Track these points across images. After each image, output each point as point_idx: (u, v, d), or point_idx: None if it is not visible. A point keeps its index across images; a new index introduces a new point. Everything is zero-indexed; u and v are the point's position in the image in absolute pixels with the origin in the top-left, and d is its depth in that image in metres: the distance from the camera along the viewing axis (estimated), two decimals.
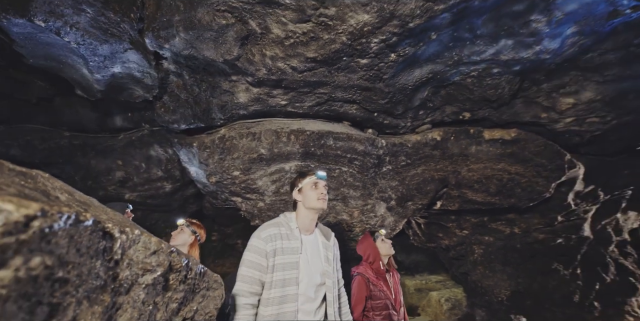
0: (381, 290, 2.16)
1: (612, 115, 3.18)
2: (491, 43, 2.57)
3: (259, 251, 1.45)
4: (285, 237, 1.48)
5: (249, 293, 1.41)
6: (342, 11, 2.13)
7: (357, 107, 3.40)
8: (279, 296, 1.40)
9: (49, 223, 0.60)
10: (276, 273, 1.42)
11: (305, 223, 1.58)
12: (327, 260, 1.57)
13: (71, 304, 0.69)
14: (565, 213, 4.48)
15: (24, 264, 0.57)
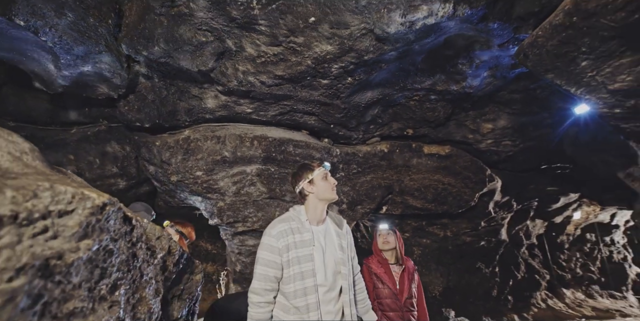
0: (382, 280, 2.31)
1: (519, 140, 4.07)
2: (429, 76, 3.23)
3: (271, 249, 1.50)
4: (297, 230, 1.52)
5: (264, 290, 1.48)
6: (309, 41, 2.59)
7: (315, 118, 3.88)
8: (302, 288, 1.46)
9: (112, 208, 0.95)
10: (293, 267, 1.47)
11: (317, 214, 1.60)
12: (342, 248, 1.61)
13: (112, 271, 1.04)
14: (487, 219, 5.41)
15: (97, 236, 0.92)
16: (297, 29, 2.47)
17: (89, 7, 2.49)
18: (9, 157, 0.85)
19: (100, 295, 0.99)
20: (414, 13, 2.13)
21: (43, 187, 0.79)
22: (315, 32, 2.50)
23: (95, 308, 0.97)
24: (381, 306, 2.30)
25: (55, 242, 0.79)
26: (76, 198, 0.84)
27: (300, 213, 1.60)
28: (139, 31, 2.50)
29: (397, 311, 2.25)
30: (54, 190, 0.81)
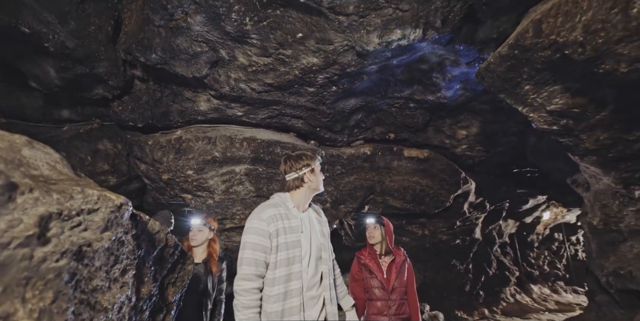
0: (371, 270, 2.40)
1: (490, 146, 4.42)
2: (407, 86, 3.53)
3: (262, 232, 1.46)
4: (285, 216, 1.51)
5: (256, 276, 1.44)
6: (297, 53, 2.84)
7: (302, 122, 4.14)
8: (285, 274, 1.44)
9: (126, 207, 1.19)
10: (280, 252, 1.46)
11: (304, 202, 1.62)
12: (323, 235, 1.64)
13: (123, 258, 1.28)
14: (462, 219, 5.79)
15: (115, 229, 1.16)
16: (286, 42, 2.72)
17: (90, 15, 2.67)
18: (47, 166, 1.08)
19: (114, 277, 1.24)
20: (389, 35, 2.41)
21: (76, 190, 1.02)
22: (302, 46, 2.75)
23: (111, 287, 1.22)
24: (369, 295, 2.38)
25: (86, 233, 1.03)
26: (100, 199, 1.08)
27: (286, 200, 1.61)
28: (138, 40, 2.70)
29: (384, 300, 2.32)
30: (84, 193, 1.04)
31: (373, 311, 2.33)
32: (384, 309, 2.31)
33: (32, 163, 1.04)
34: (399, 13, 2.30)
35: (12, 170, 0.89)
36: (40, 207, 0.90)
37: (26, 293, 0.82)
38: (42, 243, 0.89)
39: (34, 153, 1.07)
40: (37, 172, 1.03)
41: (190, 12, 2.41)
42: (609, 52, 1.51)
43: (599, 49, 1.53)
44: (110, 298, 1.17)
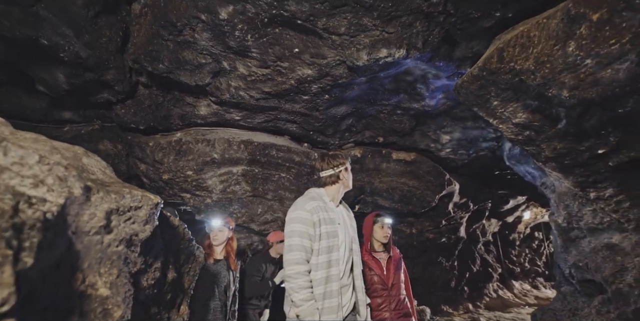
0: (371, 267, 2.42)
1: (472, 150, 4.83)
2: (394, 95, 3.88)
3: (306, 221, 1.61)
4: (324, 209, 1.67)
5: (305, 260, 1.59)
6: (293, 65, 3.16)
7: (297, 126, 4.46)
8: (326, 261, 1.60)
9: (159, 205, 1.50)
10: (322, 241, 1.61)
11: (336, 197, 1.79)
12: (353, 228, 1.80)
13: (156, 248, 1.58)
14: (448, 218, 6.20)
15: (152, 223, 1.47)
16: (284, 56, 3.03)
17: (102, 28, 2.94)
18: (100, 172, 1.37)
19: (150, 262, 1.55)
20: (377, 53, 2.75)
21: (126, 191, 1.33)
22: (298, 59, 3.07)
23: (148, 270, 1.53)
24: (369, 291, 2.40)
25: (134, 226, 1.33)
26: (143, 198, 1.38)
27: (322, 195, 1.75)
28: (147, 51, 2.98)
29: (385, 296, 2.37)
30: (132, 193, 1.34)
31: (374, 307, 2.35)
32: (385, 305, 2.36)
33: (90, 169, 1.34)
34: (385, 35, 2.64)
35: (84, 176, 1.19)
36: (105, 204, 1.20)
37: (100, 269, 1.12)
38: (107, 232, 1.20)
39: (90, 161, 1.37)
40: (94, 176, 1.33)
41: (198, 29, 2.70)
42: (554, 80, 1.88)
43: (546, 77, 1.90)
44: (148, 279, 1.48)
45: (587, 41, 1.65)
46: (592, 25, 1.62)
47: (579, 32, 1.68)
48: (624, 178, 2.46)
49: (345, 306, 1.65)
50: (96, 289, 1.05)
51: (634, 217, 2.56)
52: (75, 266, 1.00)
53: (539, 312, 3.62)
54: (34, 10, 2.52)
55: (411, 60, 2.96)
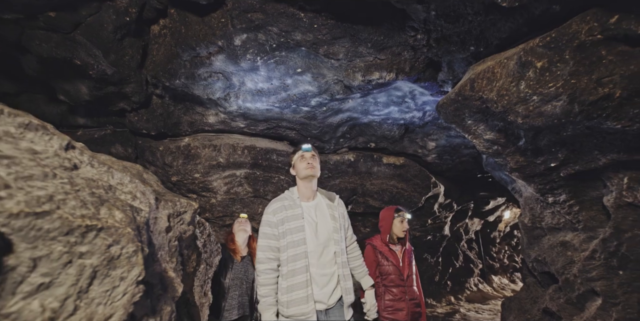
0: (388, 258, 2.50)
1: (456, 156, 5.33)
2: (385, 107, 4.34)
3: (269, 223, 1.79)
4: (289, 207, 1.79)
5: (267, 258, 1.75)
6: (296, 82, 3.58)
7: (295, 132, 4.89)
8: (292, 255, 1.71)
9: (198, 210, 1.92)
10: (287, 237, 1.74)
11: (304, 192, 1.87)
12: (333, 218, 1.85)
13: (193, 244, 2.01)
14: (433, 217, 6.72)
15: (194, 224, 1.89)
16: (288, 74, 3.45)
17: (126, 48, 3.31)
18: (155, 184, 1.78)
19: (192, 256, 1.97)
20: (370, 75, 3.20)
21: (176, 199, 1.75)
22: (301, 77, 3.49)
23: (189, 260, 1.95)
24: (385, 281, 2.46)
25: (183, 226, 1.75)
26: (188, 205, 1.80)
27: (292, 193, 1.90)
28: (166, 69, 3.36)
29: (400, 286, 2.44)
30: (180, 201, 1.76)
31: (390, 297, 2.42)
32: (401, 295, 2.42)
33: (149, 183, 1.76)
34: (378, 61, 3.08)
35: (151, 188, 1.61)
36: (166, 210, 1.62)
37: (167, 258, 1.55)
38: (167, 231, 1.62)
39: (148, 176, 1.78)
40: (152, 188, 1.75)
41: (214, 52, 3.10)
42: (511, 109, 2.35)
43: (505, 106, 2.37)
44: (189, 267, 1.91)
45: (534, 82, 2.13)
46: (537, 71, 2.09)
47: (528, 75, 2.15)
48: (574, 186, 2.97)
49: (326, 296, 1.73)
50: (167, 272, 1.46)
51: (583, 218, 3.07)
52: (155, 256, 1.41)
53: (507, 301, 4.15)
54: (71, 36, 2.88)
55: (400, 81, 3.41)
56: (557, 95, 2.05)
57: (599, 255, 2.73)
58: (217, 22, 2.84)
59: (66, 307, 0.90)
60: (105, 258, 1.01)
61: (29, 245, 0.85)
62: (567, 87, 1.97)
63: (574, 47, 1.87)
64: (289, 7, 2.58)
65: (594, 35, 1.81)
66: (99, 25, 2.92)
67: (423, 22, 2.51)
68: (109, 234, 1.04)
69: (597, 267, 2.72)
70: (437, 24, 2.51)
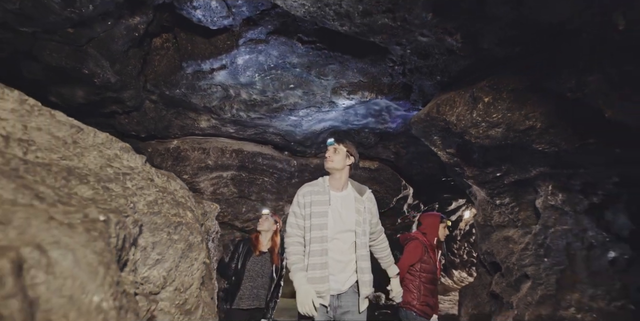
0: (431, 257, 2.75)
1: (424, 162, 6.10)
2: (364, 118, 4.97)
3: (298, 203, 1.97)
4: (317, 192, 1.94)
5: (294, 234, 1.95)
6: (287, 95, 4.09)
7: (280, 138, 5.39)
8: (315, 237, 1.87)
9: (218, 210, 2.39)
10: (312, 219, 1.88)
11: (333, 183, 2.00)
12: (357, 211, 1.93)
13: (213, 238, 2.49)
14: (402, 217, 7.48)
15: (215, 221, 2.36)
16: (281, 89, 3.96)
17: (130, 58, 3.64)
18: (180, 189, 2.23)
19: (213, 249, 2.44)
20: (354, 94, 3.79)
21: (204, 202, 2.21)
22: (292, 92, 4.02)
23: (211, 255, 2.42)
24: (423, 278, 2.70)
25: (209, 223, 2.22)
26: (213, 206, 2.27)
27: (325, 180, 2.04)
28: (168, 79, 3.74)
29: (434, 284, 2.72)
30: (205, 203, 2.23)
31: (426, 292, 2.67)
32: (434, 292, 2.72)
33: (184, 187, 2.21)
34: (362, 82, 3.69)
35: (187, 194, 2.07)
36: (199, 210, 2.10)
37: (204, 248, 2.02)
38: (202, 226, 2.09)
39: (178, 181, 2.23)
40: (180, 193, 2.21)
41: (217, 68, 3.54)
42: (466, 131, 3.05)
43: (462, 128, 3.06)
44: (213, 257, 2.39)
45: (482, 112, 2.82)
46: (485, 104, 2.79)
47: (478, 106, 2.85)
48: (515, 191, 3.77)
49: (339, 282, 1.86)
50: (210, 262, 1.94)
51: (521, 217, 3.88)
52: None
53: (464, 289, 4.96)
54: (83, 48, 3.19)
55: (379, 99, 4.04)
56: (498, 124, 2.75)
57: (531, 247, 3.53)
58: (223, 44, 3.29)
59: (170, 276, 1.37)
60: (186, 244, 1.49)
61: (150, 233, 1.33)
62: (505, 118, 2.68)
63: (509, 90, 2.57)
64: (289, 39, 3.10)
65: (523, 83, 2.52)
66: (110, 39, 3.25)
67: (400, 57, 3.14)
68: (187, 227, 1.52)
69: (529, 256, 3.52)
70: (411, 59, 3.15)
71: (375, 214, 2.11)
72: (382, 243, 2.23)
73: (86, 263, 0.71)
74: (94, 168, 1.26)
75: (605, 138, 2.46)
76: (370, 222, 2.04)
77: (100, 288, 0.71)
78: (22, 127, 1.11)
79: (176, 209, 1.52)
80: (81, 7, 2.69)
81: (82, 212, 0.83)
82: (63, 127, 1.29)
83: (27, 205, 0.73)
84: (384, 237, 2.26)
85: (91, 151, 1.33)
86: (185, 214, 1.56)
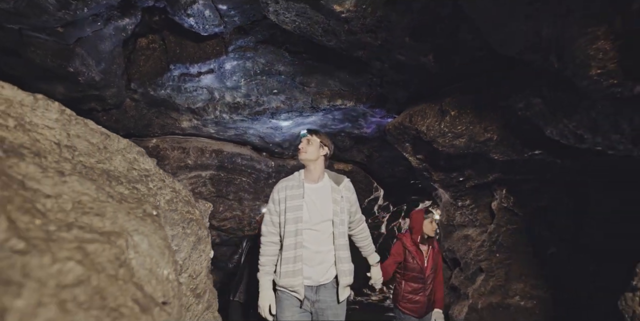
0: (414, 257, 2.75)
1: (395, 165, 6.56)
2: (341, 123, 5.31)
3: (272, 200, 1.98)
4: (292, 187, 1.94)
5: (269, 232, 1.96)
6: (270, 100, 4.33)
7: (259, 139, 5.61)
8: (289, 231, 1.88)
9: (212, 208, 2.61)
10: (287, 213, 1.89)
11: (308, 175, 2.00)
12: (334, 201, 1.93)
13: None
14: (373, 217, 7.93)
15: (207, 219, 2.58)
16: (264, 93, 4.20)
17: (115, 57, 3.72)
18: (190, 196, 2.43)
19: None
20: (334, 102, 4.11)
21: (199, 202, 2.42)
22: (275, 97, 4.26)
23: None
24: (406, 275, 2.76)
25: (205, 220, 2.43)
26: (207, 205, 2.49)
27: (300, 174, 2.03)
28: (154, 80, 3.85)
29: (420, 283, 2.73)
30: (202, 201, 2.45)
31: (409, 289, 2.74)
32: (420, 290, 2.73)
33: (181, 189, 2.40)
34: (342, 91, 4.02)
35: None
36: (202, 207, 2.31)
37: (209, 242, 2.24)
38: None
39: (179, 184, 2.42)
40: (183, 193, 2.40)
41: (204, 72, 3.71)
42: (435, 140, 3.47)
43: (431, 137, 3.48)
44: None
45: (449, 124, 3.25)
46: (451, 116, 3.21)
47: (446, 118, 3.27)
48: (474, 194, 4.26)
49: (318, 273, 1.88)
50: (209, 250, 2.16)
51: (479, 218, 4.40)
52: None
53: None
54: (71, 47, 3.24)
55: (357, 106, 4.39)
56: (462, 135, 3.19)
57: (486, 243, 4.04)
58: (212, 49, 3.48)
59: (185, 264, 1.60)
60: (196, 238, 1.72)
61: (170, 227, 1.55)
62: (468, 131, 3.12)
63: (472, 106, 3.01)
64: (277, 48, 3.36)
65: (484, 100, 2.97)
66: (98, 39, 3.33)
67: (379, 70, 3.51)
68: (197, 223, 1.75)
69: (484, 252, 4.03)
70: (389, 73, 3.52)
71: (354, 203, 2.10)
72: (363, 233, 2.24)
73: (157, 246, 0.94)
74: (123, 170, 1.45)
75: (547, 151, 2.96)
76: (349, 210, 2.04)
77: (167, 264, 0.95)
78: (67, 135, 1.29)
79: (187, 207, 1.74)
80: (76, 9, 2.78)
81: (141, 207, 1.06)
82: (95, 134, 1.47)
83: (105, 202, 0.95)
84: (365, 226, 2.27)
85: (117, 155, 1.52)
86: (194, 211, 1.79)
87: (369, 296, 8.15)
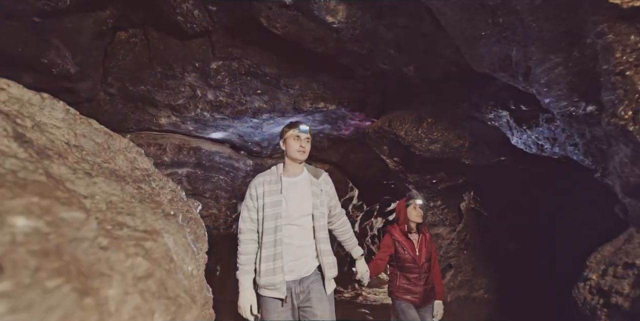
0: (405, 248, 2.71)
1: (370, 167, 6.83)
2: (321, 125, 5.47)
3: (250, 196, 1.92)
4: (270, 182, 1.90)
5: (247, 229, 1.92)
6: (252, 100, 4.40)
7: (239, 138, 5.64)
8: (267, 228, 1.84)
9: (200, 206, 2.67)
10: (266, 210, 1.85)
11: (289, 170, 1.96)
12: (314, 194, 1.92)
13: None
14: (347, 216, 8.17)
15: None
16: (248, 93, 4.26)
17: (92, 50, 3.63)
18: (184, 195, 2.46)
19: None
20: (317, 104, 4.26)
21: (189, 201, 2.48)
22: (258, 96, 4.34)
23: None
24: (401, 269, 2.73)
25: None
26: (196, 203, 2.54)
27: (278, 168, 2.00)
28: (134, 75, 3.80)
29: (415, 272, 2.69)
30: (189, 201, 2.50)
31: (405, 280, 2.71)
32: (415, 280, 2.69)
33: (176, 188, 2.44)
34: (325, 95, 4.17)
35: None
36: None
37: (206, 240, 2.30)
38: None
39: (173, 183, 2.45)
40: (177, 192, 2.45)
41: (188, 71, 3.72)
42: (412, 144, 3.72)
43: (409, 142, 3.73)
44: None
45: (426, 130, 3.51)
46: (428, 123, 3.47)
47: (423, 124, 3.53)
48: (445, 196, 4.59)
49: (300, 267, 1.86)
50: None
51: (449, 218, 4.74)
52: None
53: None
54: (46, 38, 3.14)
55: (338, 109, 4.57)
56: (437, 140, 3.46)
57: (455, 241, 4.38)
58: (198, 48, 3.50)
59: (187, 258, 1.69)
60: (195, 235, 1.80)
61: None
62: (443, 137, 3.40)
63: (447, 114, 3.28)
64: (265, 50, 3.45)
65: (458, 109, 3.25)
66: (76, 31, 3.25)
67: (362, 76, 3.70)
68: (194, 222, 1.83)
69: (453, 249, 4.36)
70: (370, 79, 3.73)
71: (334, 196, 2.10)
72: (344, 226, 2.23)
73: (182, 244, 1.04)
74: (127, 170, 1.51)
75: (513, 158, 3.30)
76: (329, 204, 2.03)
77: (191, 260, 1.05)
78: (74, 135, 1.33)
79: (186, 206, 1.82)
80: (57, 1, 2.71)
81: (160, 207, 1.14)
82: (99, 133, 1.50)
83: (130, 202, 1.02)
84: (346, 219, 2.25)
85: (119, 155, 1.57)
86: (192, 210, 1.87)
87: (342, 292, 8.39)
